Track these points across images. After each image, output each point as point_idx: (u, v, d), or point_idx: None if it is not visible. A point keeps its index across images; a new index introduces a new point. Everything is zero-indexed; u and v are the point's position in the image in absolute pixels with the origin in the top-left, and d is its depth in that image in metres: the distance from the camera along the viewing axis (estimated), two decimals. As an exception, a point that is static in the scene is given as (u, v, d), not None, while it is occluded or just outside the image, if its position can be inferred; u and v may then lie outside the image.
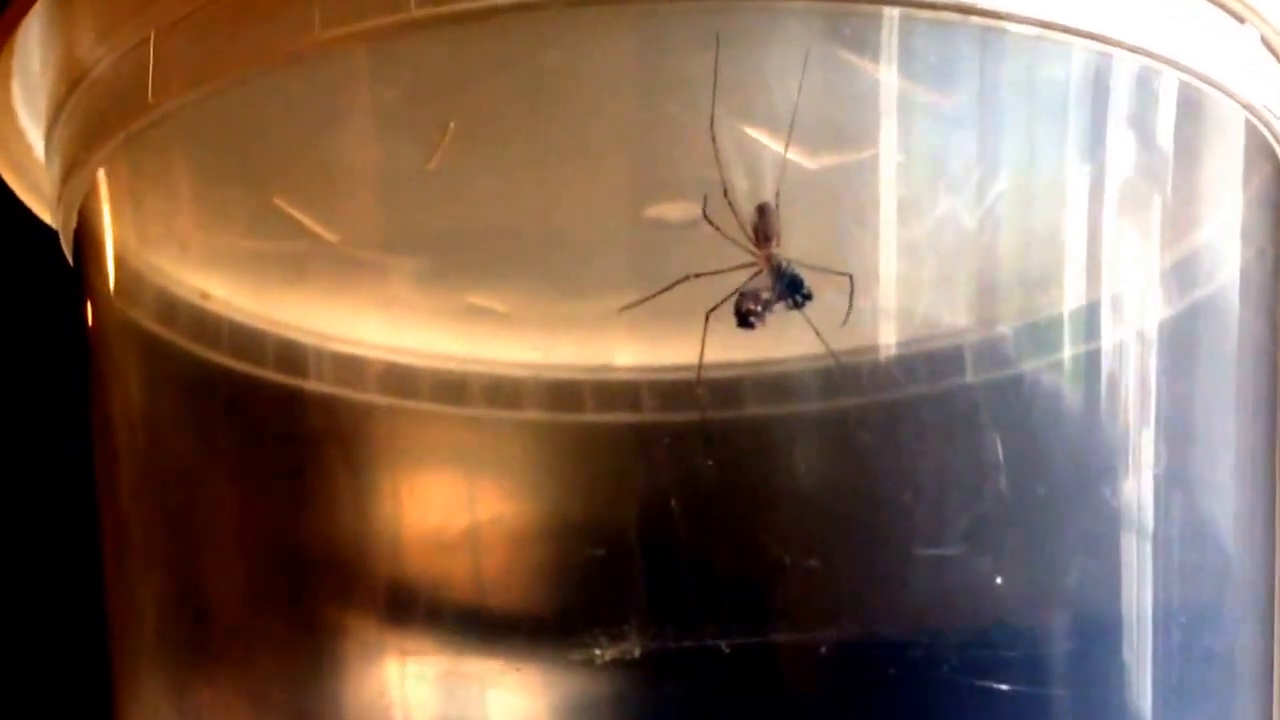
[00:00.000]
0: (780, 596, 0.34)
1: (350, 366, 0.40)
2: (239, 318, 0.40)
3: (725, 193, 0.34)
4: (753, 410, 0.39)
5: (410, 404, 0.40)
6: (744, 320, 0.34)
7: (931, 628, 0.34)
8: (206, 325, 0.39)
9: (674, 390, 0.38)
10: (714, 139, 0.33)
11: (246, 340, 0.40)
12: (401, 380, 0.40)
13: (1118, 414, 0.36)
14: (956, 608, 0.35)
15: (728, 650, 0.34)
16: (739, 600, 0.35)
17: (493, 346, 0.41)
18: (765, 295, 0.34)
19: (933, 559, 0.34)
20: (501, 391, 0.41)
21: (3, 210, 0.43)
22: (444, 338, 0.41)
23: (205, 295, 0.40)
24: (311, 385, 0.40)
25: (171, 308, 0.39)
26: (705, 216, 0.34)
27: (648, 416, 0.40)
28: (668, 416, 0.38)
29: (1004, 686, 0.34)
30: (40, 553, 0.52)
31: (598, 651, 0.35)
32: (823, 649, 0.34)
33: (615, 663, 0.35)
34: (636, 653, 0.34)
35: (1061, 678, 0.35)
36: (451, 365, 0.41)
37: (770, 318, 0.34)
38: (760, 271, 0.34)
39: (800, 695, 0.35)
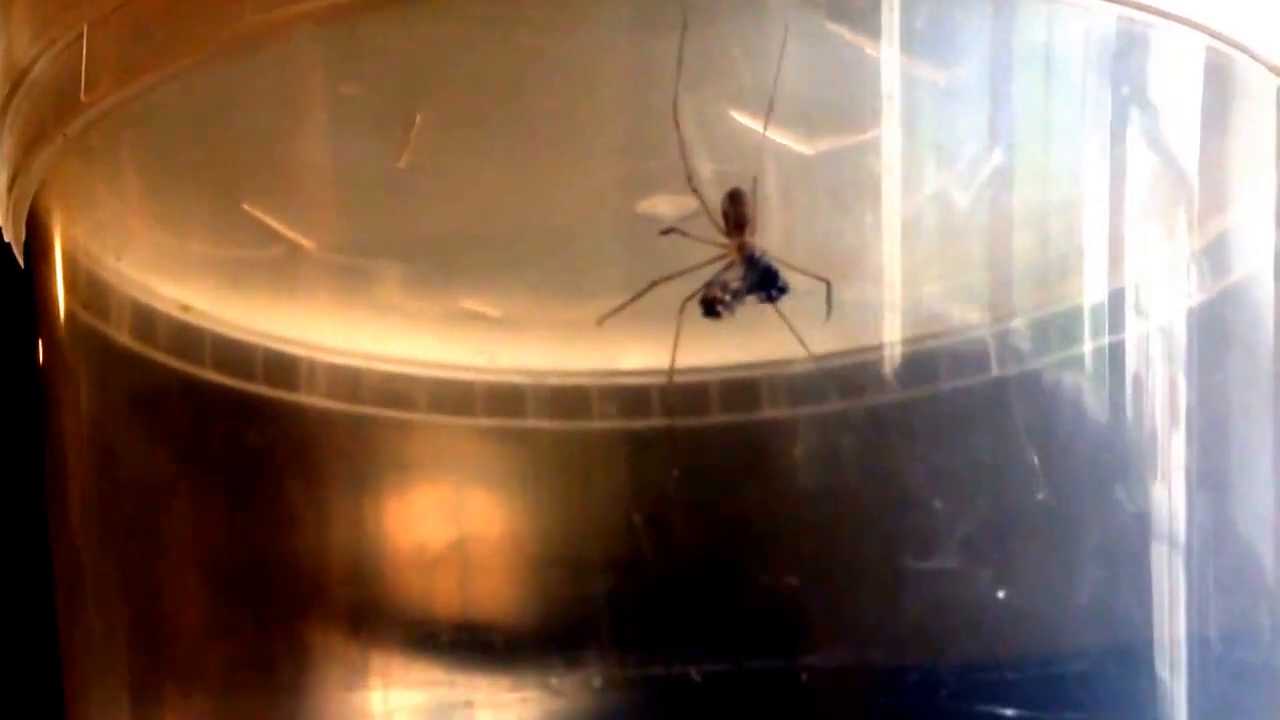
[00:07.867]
0: (757, 618, 0.32)
1: (338, 377, 0.38)
2: (220, 329, 0.38)
3: (690, 179, 0.31)
4: (722, 416, 0.37)
5: (401, 414, 0.39)
6: (710, 310, 0.31)
7: (928, 649, 0.31)
8: (187, 338, 0.38)
9: (635, 396, 0.35)
10: (677, 125, 0.31)
11: (230, 353, 0.38)
12: (390, 389, 0.38)
13: (1141, 411, 0.34)
14: (956, 626, 0.32)
15: (698, 679, 0.32)
16: (712, 623, 0.33)
17: (483, 352, 0.39)
18: (735, 285, 0.31)
19: (928, 573, 0.31)
20: (497, 399, 0.39)
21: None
22: (435, 345, 0.39)
23: (186, 307, 0.38)
24: (301, 398, 0.38)
25: (147, 320, 0.38)
26: (664, 232, 0.32)
27: (603, 424, 0.37)
28: (625, 424, 0.36)
29: (1009, 712, 0.31)
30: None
31: (555, 680, 0.32)
32: (803, 675, 0.31)
33: (576, 691, 0.32)
34: (597, 683, 0.32)
35: (1085, 700, 0.32)
36: (443, 373, 0.39)
37: (742, 310, 0.32)
38: (732, 262, 0.32)
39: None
